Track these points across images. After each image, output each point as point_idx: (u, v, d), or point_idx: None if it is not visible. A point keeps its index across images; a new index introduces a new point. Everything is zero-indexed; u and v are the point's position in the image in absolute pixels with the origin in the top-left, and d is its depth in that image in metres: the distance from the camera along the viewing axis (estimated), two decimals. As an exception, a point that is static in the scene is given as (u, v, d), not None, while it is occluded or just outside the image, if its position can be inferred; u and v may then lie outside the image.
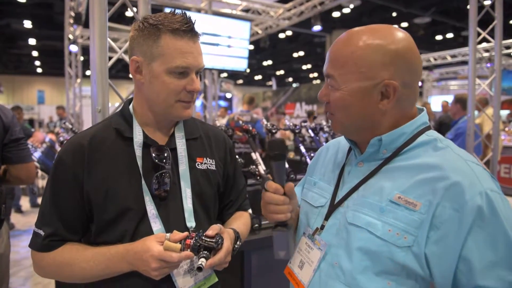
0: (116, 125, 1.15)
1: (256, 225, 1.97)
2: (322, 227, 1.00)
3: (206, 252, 1.01)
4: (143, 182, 1.09)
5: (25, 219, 6.25)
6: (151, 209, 1.09)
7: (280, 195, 1.00)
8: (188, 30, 1.08)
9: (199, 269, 0.98)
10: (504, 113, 12.51)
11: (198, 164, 1.20)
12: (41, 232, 1.09)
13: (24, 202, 6.84)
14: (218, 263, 1.03)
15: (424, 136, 0.94)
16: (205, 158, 1.23)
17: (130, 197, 1.08)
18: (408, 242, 0.83)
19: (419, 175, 0.87)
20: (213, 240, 1.03)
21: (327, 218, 1.00)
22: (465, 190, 0.81)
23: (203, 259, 0.99)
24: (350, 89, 0.92)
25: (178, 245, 1.00)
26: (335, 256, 0.94)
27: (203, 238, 1.03)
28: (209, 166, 1.23)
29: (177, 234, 1.03)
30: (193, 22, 1.10)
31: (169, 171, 1.11)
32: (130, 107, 1.19)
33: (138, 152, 1.11)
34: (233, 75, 21.14)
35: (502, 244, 0.79)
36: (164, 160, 1.11)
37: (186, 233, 1.04)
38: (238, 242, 1.17)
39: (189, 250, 1.01)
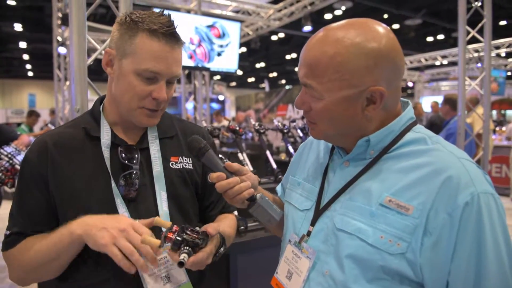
0: (84, 124, 1.10)
1: (242, 227, 1.92)
2: (309, 233, 0.94)
3: (188, 248, 0.91)
4: (113, 184, 1.04)
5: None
6: (123, 211, 1.03)
7: (227, 179, 0.96)
8: (167, 34, 1.01)
9: (181, 264, 0.88)
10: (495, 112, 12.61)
11: (172, 164, 1.15)
12: (9, 233, 1.05)
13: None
14: (200, 262, 0.94)
15: (411, 133, 0.89)
16: (180, 157, 1.17)
17: (95, 198, 1.03)
18: (402, 249, 0.78)
19: (410, 176, 0.82)
20: (199, 236, 0.94)
21: (313, 223, 0.94)
22: (459, 191, 0.76)
23: (185, 255, 0.90)
24: (333, 99, 0.84)
25: (157, 241, 0.91)
26: (325, 264, 0.88)
27: (188, 232, 0.93)
28: (185, 165, 1.17)
29: (145, 221, 0.97)
30: (175, 26, 1.04)
31: (137, 171, 1.06)
32: (102, 105, 1.15)
33: (106, 153, 1.06)
34: (226, 78, 21.10)
35: (491, 252, 0.74)
36: (134, 161, 1.06)
37: (169, 223, 0.95)
38: (222, 248, 1.07)
39: (170, 244, 0.91)
